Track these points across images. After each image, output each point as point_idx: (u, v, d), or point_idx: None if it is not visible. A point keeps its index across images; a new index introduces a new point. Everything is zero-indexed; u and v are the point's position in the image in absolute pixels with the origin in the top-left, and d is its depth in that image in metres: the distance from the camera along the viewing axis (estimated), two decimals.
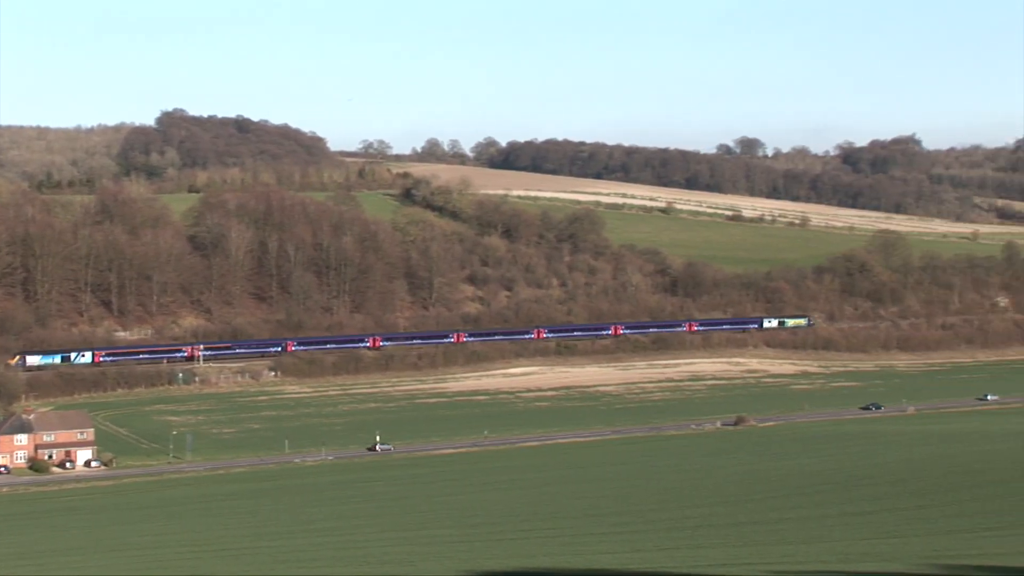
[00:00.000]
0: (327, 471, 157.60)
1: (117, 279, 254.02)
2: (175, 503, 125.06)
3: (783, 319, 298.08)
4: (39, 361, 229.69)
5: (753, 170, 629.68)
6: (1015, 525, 68.53)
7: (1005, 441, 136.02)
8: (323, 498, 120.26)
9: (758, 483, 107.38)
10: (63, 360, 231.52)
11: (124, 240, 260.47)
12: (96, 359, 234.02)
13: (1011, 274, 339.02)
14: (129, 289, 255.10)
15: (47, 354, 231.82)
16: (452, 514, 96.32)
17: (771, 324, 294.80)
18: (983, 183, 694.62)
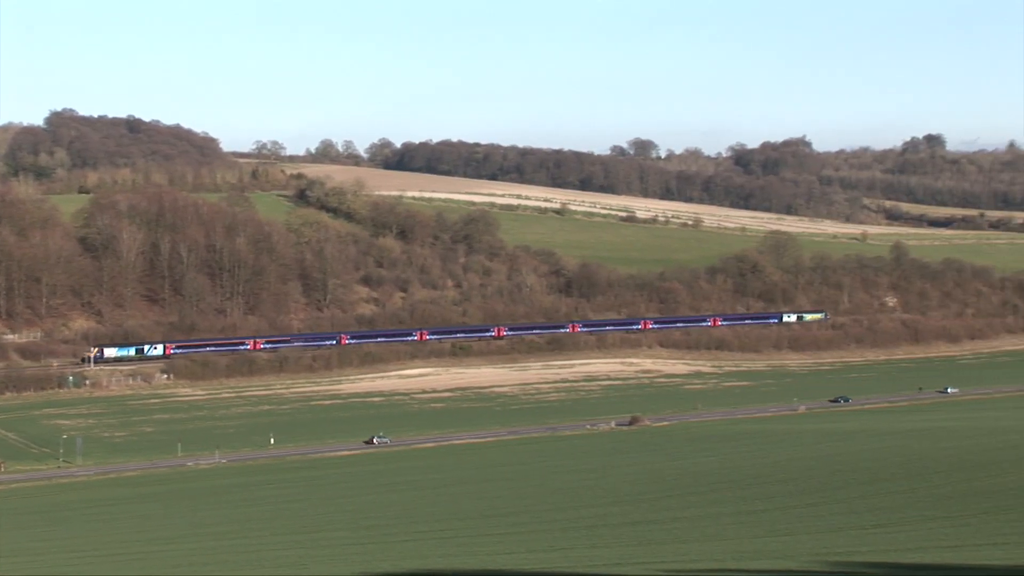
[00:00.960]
0: (220, 474, 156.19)
1: (5, 281, 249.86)
2: (64, 508, 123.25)
3: (801, 313, 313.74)
4: (116, 353, 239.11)
5: (646, 171, 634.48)
6: (902, 522, 69.61)
7: (892, 439, 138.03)
8: (216, 501, 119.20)
9: (653, 482, 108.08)
10: (137, 352, 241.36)
11: (12, 242, 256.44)
12: (168, 351, 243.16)
13: (899, 274, 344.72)
14: (18, 291, 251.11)
15: (123, 346, 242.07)
16: (346, 516, 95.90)
17: (790, 319, 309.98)
18: (872, 185, 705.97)
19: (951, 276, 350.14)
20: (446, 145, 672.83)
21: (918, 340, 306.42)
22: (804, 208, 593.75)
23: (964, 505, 75.55)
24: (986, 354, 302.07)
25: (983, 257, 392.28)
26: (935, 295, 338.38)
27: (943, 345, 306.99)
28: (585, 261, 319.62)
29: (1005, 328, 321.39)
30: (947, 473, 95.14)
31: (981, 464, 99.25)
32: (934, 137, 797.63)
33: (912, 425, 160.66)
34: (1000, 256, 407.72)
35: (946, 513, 72.50)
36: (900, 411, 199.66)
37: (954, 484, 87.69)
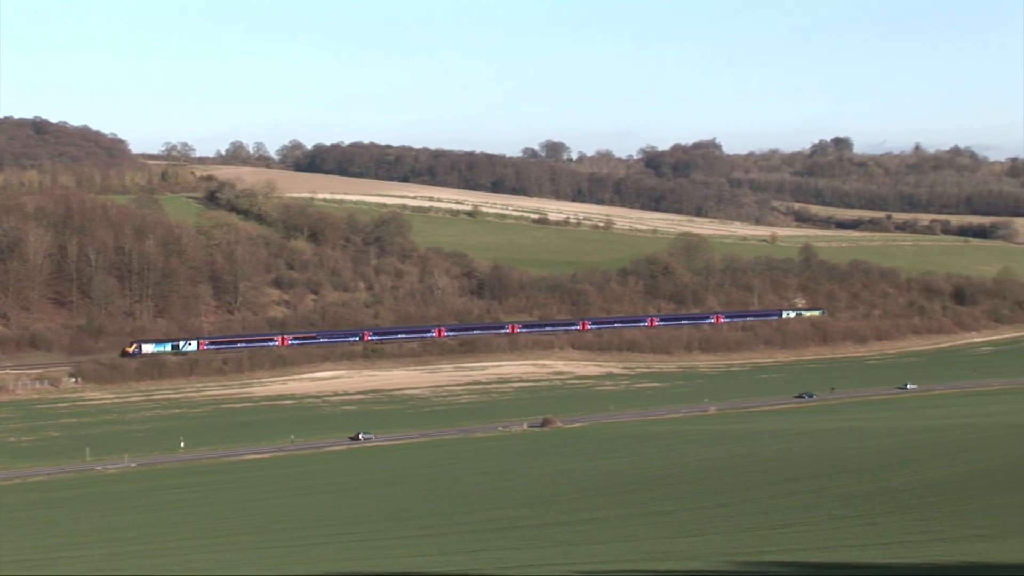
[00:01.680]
0: (129, 479, 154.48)
1: None
2: None
3: (800, 311, 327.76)
4: (154, 349, 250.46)
5: (558, 174, 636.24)
6: (810, 521, 70.31)
7: (801, 439, 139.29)
8: (125, 506, 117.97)
9: (565, 484, 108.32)
10: (173, 349, 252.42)
11: None
12: (201, 347, 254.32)
13: (807, 276, 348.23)
14: None
15: (160, 342, 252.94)
16: (257, 520, 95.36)
17: (789, 315, 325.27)
18: (781, 187, 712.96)
19: (859, 277, 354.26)
20: (358, 147, 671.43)
21: (826, 341, 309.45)
22: (714, 210, 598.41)
23: (871, 504, 76.41)
24: (893, 355, 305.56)
25: (889, 259, 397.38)
26: (843, 296, 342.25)
27: (851, 346, 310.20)
28: (497, 263, 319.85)
29: (911, 329, 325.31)
30: (854, 473, 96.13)
31: (887, 464, 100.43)
32: (842, 140, 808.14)
33: (820, 425, 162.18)
34: (906, 257, 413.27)
35: (853, 512, 73.28)
36: (809, 411, 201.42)
37: (861, 484, 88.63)
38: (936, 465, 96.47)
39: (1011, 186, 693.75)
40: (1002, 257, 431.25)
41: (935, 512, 70.62)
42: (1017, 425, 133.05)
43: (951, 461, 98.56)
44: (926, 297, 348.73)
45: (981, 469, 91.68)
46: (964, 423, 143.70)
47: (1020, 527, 61.97)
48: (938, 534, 60.72)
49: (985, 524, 63.52)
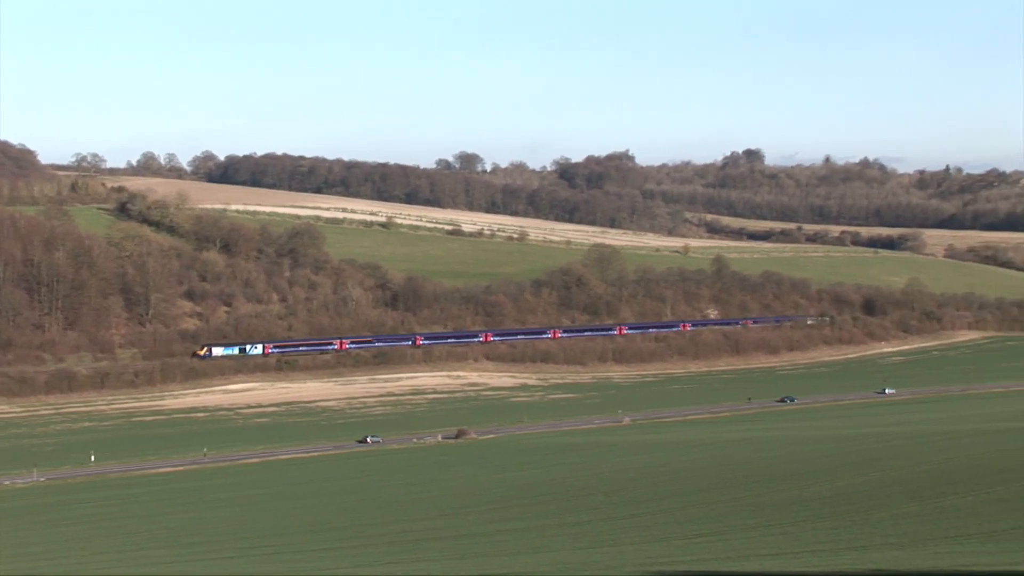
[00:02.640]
0: (38, 493, 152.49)
1: None
2: None
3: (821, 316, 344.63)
4: (223, 352, 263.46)
5: (472, 185, 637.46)
6: (724, 530, 70.77)
7: (715, 449, 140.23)
8: (34, 521, 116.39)
9: (479, 495, 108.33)
10: (240, 351, 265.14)
11: None
12: (267, 351, 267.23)
13: (720, 287, 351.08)
14: None
15: (228, 346, 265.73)
16: (170, 534, 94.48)
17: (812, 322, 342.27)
18: (693, 198, 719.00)
19: (770, 288, 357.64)
20: (271, 158, 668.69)
21: (738, 351, 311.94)
22: (628, 222, 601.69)
23: (784, 513, 77.04)
24: (804, 365, 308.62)
25: (800, 270, 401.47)
26: (755, 307, 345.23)
27: (763, 356, 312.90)
28: (411, 275, 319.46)
29: (822, 339, 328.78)
30: (767, 482, 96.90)
31: (799, 473, 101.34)
32: (753, 152, 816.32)
33: (733, 435, 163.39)
34: (816, 269, 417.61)
35: (767, 521, 73.83)
36: (722, 421, 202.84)
37: (774, 493, 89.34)
38: (846, 474, 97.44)
39: (919, 198, 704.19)
40: (910, 268, 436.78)
41: (846, 521, 71.31)
42: (925, 434, 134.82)
43: (861, 470, 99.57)
44: (836, 308, 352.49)
45: (891, 478, 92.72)
46: (874, 432, 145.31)
47: (929, 535, 62.76)
48: (849, 542, 61.35)
49: (895, 532, 64.24)
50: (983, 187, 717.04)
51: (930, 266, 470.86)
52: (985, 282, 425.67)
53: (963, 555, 54.36)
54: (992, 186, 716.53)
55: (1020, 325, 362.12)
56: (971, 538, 60.81)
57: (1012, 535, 61.01)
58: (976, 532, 62.85)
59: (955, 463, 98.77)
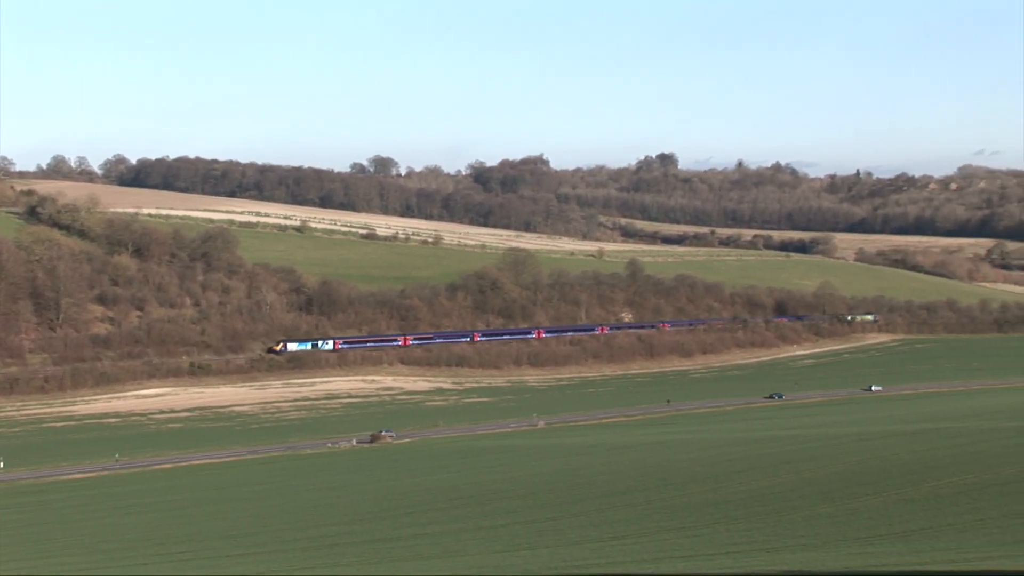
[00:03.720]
0: None
1: None
2: None
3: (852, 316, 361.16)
4: (296, 347, 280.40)
5: (387, 189, 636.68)
6: (639, 533, 71.13)
7: (630, 453, 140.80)
8: None
9: (394, 500, 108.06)
10: (313, 346, 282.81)
11: None
12: (336, 346, 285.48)
13: (634, 290, 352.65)
14: None
15: (302, 341, 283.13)
16: (82, 540, 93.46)
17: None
18: (607, 202, 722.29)
19: (684, 292, 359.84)
20: (183, 162, 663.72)
21: (653, 355, 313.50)
22: (542, 225, 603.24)
23: (697, 516, 77.53)
24: (717, 368, 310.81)
25: (714, 273, 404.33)
26: (669, 310, 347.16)
27: (676, 359, 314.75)
28: (326, 278, 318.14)
29: (735, 342, 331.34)
30: (681, 485, 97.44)
31: (713, 476, 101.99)
32: (667, 156, 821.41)
33: (647, 438, 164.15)
34: (729, 272, 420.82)
35: (681, 524, 74.27)
36: (636, 425, 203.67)
37: (687, 495, 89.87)
38: (759, 476, 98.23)
39: (830, 202, 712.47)
40: (822, 271, 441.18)
41: (759, 523, 71.91)
42: (836, 436, 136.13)
43: (774, 472, 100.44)
44: (749, 311, 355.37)
45: (803, 479, 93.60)
46: (786, 435, 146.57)
47: (841, 536, 63.44)
48: (762, 544, 61.88)
49: (807, 533, 64.87)
50: (893, 191, 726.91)
51: (841, 269, 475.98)
52: (894, 285, 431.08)
53: (875, 555, 55.02)
54: (901, 190, 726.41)
55: (929, 328, 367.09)
56: (882, 538, 61.57)
57: (922, 535, 61.84)
58: (887, 532, 63.64)
59: (866, 464, 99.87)
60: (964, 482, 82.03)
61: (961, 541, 58.56)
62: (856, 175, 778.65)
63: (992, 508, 70.43)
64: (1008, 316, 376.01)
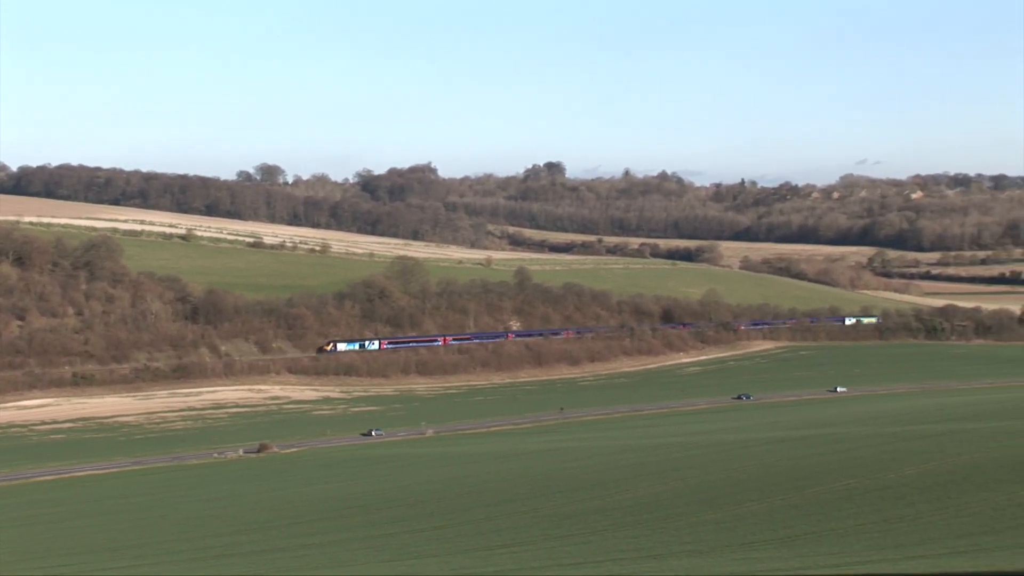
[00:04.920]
0: None
1: None
2: None
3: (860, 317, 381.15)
4: (345, 348, 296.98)
5: (274, 197, 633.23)
6: (527, 541, 71.33)
7: (518, 460, 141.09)
8: None
9: (282, 510, 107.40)
10: (360, 347, 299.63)
11: None
12: (382, 346, 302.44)
13: (522, 298, 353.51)
14: None
15: (351, 342, 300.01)
16: None
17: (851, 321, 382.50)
18: (495, 211, 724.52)
19: (571, 300, 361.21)
20: (66, 169, 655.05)
21: (541, 363, 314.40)
22: (430, 234, 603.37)
23: (585, 523, 77.88)
24: (605, 375, 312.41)
25: (601, 281, 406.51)
26: (557, 319, 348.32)
27: (565, 367, 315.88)
28: (211, 287, 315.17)
29: (622, 350, 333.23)
30: (568, 492, 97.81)
31: (599, 483, 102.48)
32: (554, 164, 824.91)
33: (535, 446, 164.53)
34: (616, 280, 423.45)
35: (569, 531, 74.57)
36: (525, 432, 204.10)
37: (575, 503, 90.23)
38: (647, 483, 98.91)
39: (715, 211, 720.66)
40: (707, 279, 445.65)
41: (646, 529, 72.42)
42: (723, 443, 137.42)
43: (661, 479, 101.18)
44: (636, 319, 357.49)
45: (690, 486, 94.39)
46: (673, 442, 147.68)
47: (727, 542, 64.10)
48: (649, 550, 62.35)
49: (693, 539, 65.44)
50: (777, 200, 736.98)
51: (726, 277, 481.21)
52: (779, 293, 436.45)
53: (760, 560, 55.68)
54: (785, 199, 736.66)
55: (812, 335, 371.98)
56: (767, 544, 62.31)
57: (806, 540, 62.68)
58: (772, 538, 64.42)
59: (751, 471, 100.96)
60: (846, 487, 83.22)
61: (843, 545, 59.45)
62: (741, 184, 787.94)
63: (873, 513, 71.57)
64: (888, 323, 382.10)
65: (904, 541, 60.11)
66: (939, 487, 79.48)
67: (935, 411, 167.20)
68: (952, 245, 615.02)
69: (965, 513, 68.69)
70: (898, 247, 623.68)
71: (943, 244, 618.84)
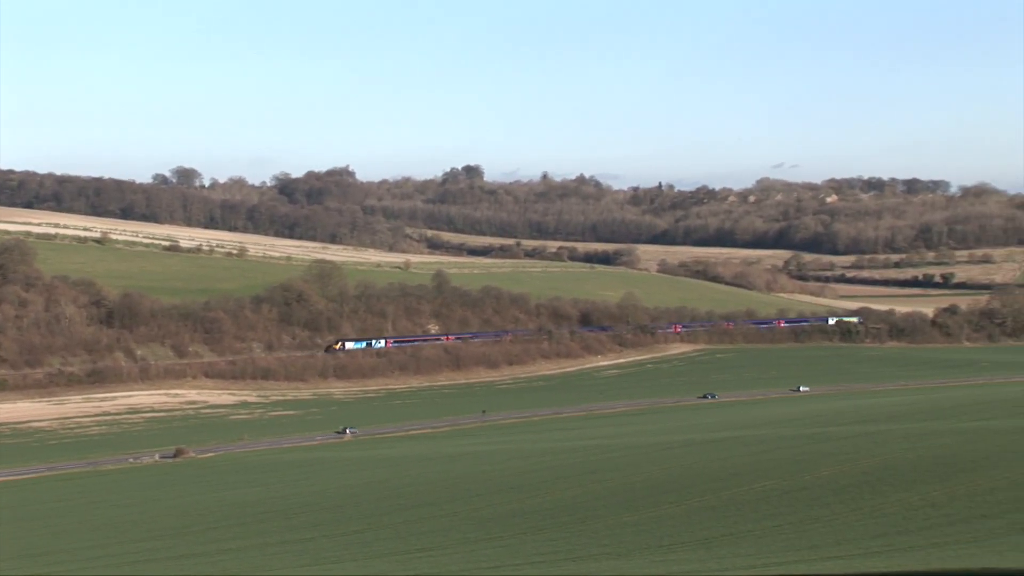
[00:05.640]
0: None
1: None
2: None
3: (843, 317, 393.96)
4: (353, 346, 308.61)
5: (190, 200, 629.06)
6: (445, 545, 71.39)
7: (437, 464, 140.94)
8: None
9: (198, 515, 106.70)
10: (367, 345, 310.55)
11: None
12: (388, 344, 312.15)
13: (440, 302, 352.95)
14: None
15: (358, 340, 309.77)
16: None
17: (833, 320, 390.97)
18: (414, 214, 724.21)
19: (490, 303, 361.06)
20: None
21: (459, 366, 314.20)
22: (348, 237, 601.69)
23: (504, 527, 78.05)
24: (523, 379, 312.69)
25: (519, 284, 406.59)
26: (475, 322, 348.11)
27: (483, 370, 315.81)
28: (127, 291, 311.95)
29: (541, 353, 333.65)
30: (487, 496, 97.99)
31: (518, 486, 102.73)
32: (473, 168, 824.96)
33: (454, 449, 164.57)
34: (535, 283, 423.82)
35: (487, 535, 74.70)
36: (443, 436, 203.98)
37: (494, 506, 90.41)
38: (565, 486, 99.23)
39: (633, 214, 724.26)
40: (625, 283, 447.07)
41: (565, 532, 72.69)
42: (640, 445, 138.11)
43: (580, 482, 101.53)
44: (554, 322, 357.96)
45: (608, 489, 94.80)
46: (591, 444, 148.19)
47: (645, 544, 64.46)
48: (567, 553, 62.58)
49: (612, 542, 65.75)
50: (694, 204, 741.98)
51: (644, 281, 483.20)
52: (696, 296, 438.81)
53: (677, 563, 56.03)
54: (702, 203, 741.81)
55: (729, 338, 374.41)
56: (685, 545, 62.77)
57: (723, 541, 63.17)
58: (690, 540, 64.89)
59: (669, 473, 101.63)
60: (763, 489, 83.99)
61: (760, 547, 59.99)
62: (659, 187, 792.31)
63: (789, 514, 72.30)
64: (804, 326, 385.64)
65: (820, 542, 60.77)
66: (854, 488, 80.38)
67: (850, 413, 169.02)
68: (866, 248, 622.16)
69: (879, 514, 69.54)
70: (813, 250, 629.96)
71: (857, 247, 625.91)
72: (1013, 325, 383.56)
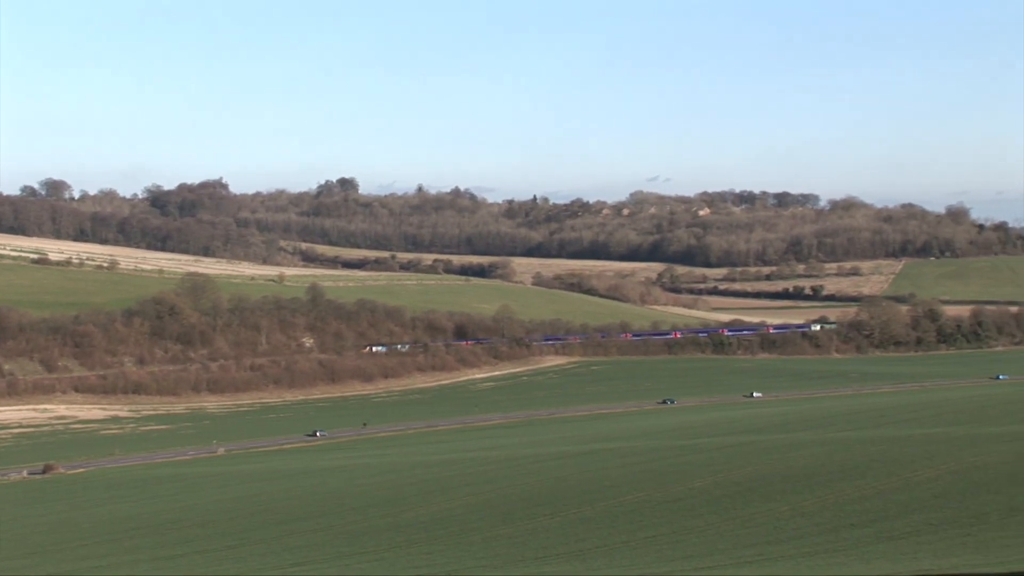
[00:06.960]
0: None
1: None
2: None
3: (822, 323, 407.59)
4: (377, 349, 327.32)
5: (59, 212, 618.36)
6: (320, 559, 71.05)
7: (309, 478, 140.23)
8: None
9: (68, 532, 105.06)
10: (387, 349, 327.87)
11: None
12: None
13: (315, 315, 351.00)
14: None
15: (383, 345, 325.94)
16: None
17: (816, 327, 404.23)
18: (288, 227, 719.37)
19: (365, 316, 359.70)
20: None
21: (335, 380, 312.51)
22: (222, 250, 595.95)
23: (378, 540, 77.84)
24: (398, 392, 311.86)
25: (395, 297, 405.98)
26: (350, 335, 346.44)
27: (358, 384, 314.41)
28: None
29: (416, 366, 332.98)
30: (361, 510, 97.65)
31: (393, 500, 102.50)
32: (347, 180, 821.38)
33: (328, 463, 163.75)
34: (410, 296, 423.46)
35: (361, 549, 74.46)
36: (316, 450, 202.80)
37: (368, 520, 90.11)
38: (440, 499, 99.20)
39: (508, 227, 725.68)
40: (500, 295, 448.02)
41: (440, 545, 72.67)
42: (515, 458, 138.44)
43: (455, 495, 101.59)
44: (430, 335, 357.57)
45: (483, 501, 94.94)
46: (467, 457, 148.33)
47: (520, 556, 64.63)
48: (442, 567, 62.56)
49: (487, 554, 65.88)
50: (568, 216, 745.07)
51: (519, 293, 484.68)
52: (570, 308, 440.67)
53: (552, 575, 56.21)
54: (577, 216, 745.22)
55: (603, 350, 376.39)
56: (560, 557, 63.04)
57: (598, 553, 63.55)
58: (565, 551, 65.17)
59: (543, 485, 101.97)
60: (637, 500, 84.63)
61: (634, 557, 60.43)
62: (533, 200, 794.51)
63: (663, 524, 72.93)
64: (678, 339, 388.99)
65: (693, 552, 61.37)
66: (726, 499, 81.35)
67: (722, 424, 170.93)
68: (738, 261, 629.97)
69: (751, 524, 70.43)
70: (687, 263, 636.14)
71: (729, 260, 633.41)
72: (880, 336, 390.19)
